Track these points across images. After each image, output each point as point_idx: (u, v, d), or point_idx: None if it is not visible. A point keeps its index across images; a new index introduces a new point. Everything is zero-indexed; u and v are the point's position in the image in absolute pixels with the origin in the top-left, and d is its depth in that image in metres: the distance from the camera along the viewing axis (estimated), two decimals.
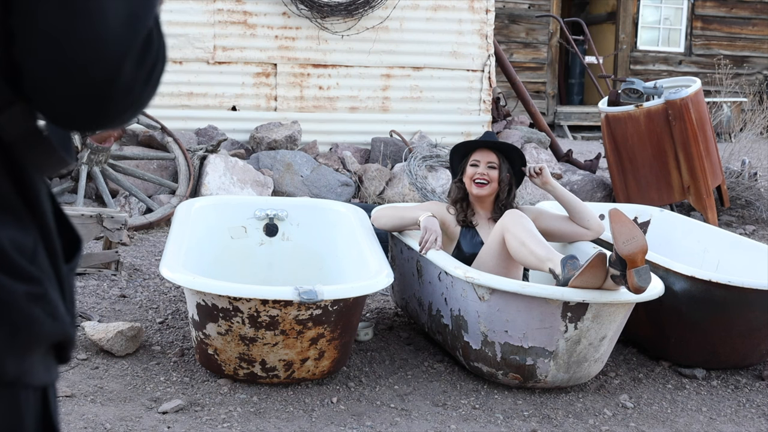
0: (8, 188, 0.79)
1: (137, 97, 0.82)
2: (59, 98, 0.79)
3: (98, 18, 0.77)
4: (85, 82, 0.78)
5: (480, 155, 3.75)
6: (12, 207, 0.79)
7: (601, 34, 14.36)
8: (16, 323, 0.78)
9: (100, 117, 0.82)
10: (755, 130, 8.05)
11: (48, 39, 0.77)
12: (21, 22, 0.77)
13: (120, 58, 0.79)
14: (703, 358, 3.71)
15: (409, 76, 7.48)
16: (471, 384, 3.44)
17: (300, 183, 6.57)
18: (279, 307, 3.07)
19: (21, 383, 0.80)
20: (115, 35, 0.78)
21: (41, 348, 0.81)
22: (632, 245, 3.02)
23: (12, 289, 0.78)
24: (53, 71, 0.78)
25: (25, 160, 0.81)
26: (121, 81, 0.79)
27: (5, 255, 0.78)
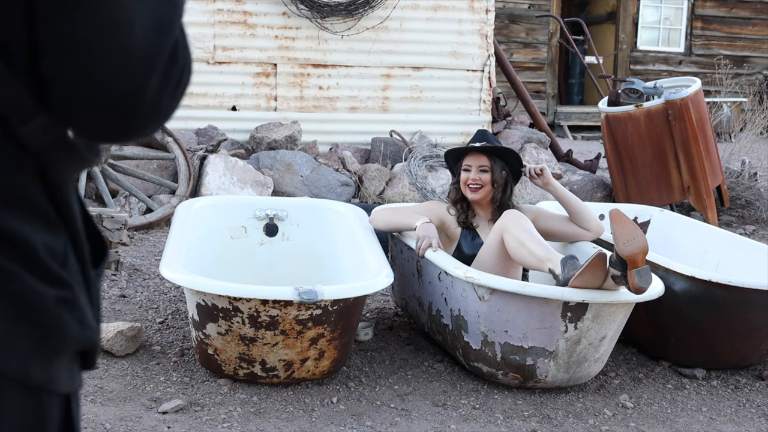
0: (39, 193, 0.79)
1: (163, 109, 0.81)
2: (84, 111, 0.79)
3: (125, 30, 0.76)
4: (111, 95, 0.78)
5: (471, 159, 3.74)
6: (43, 211, 0.79)
7: (601, 34, 14.36)
8: (45, 328, 0.78)
9: (125, 130, 0.81)
10: (755, 130, 8.05)
11: (73, 51, 0.76)
12: (46, 34, 0.76)
13: (146, 71, 0.78)
14: (703, 358, 3.71)
15: (409, 76, 7.48)
16: (471, 384, 3.44)
17: (300, 183, 6.57)
18: (279, 307, 3.07)
19: (46, 389, 0.79)
20: (142, 47, 0.77)
21: (67, 354, 0.81)
22: (633, 246, 3.02)
23: (44, 293, 0.78)
24: (79, 84, 0.77)
25: (52, 165, 0.81)
26: (146, 94, 0.79)
27: (38, 259, 0.77)
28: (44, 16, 0.76)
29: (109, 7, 0.75)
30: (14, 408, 0.77)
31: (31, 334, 0.77)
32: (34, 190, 0.79)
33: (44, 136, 0.79)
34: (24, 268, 0.77)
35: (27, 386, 0.77)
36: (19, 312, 0.76)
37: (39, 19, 0.76)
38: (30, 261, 0.78)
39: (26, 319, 0.77)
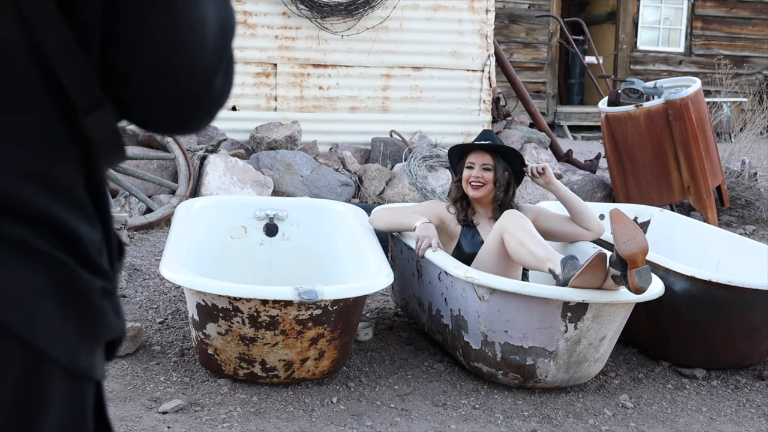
0: (81, 187, 0.82)
1: (221, 103, 0.86)
2: (158, 103, 0.82)
3: (202, 29, 0.80)
4: (186, 89, 0.82)
5: (475, 157, 3.75)
6: (85, 204, 0.82)
7: (601, 34, 14.36)
8: (92, 317, 0.81)
9: (188, 124, 0.86)
10: (755, 130, 8.05)
11: (154, 45, 0.79)
12: (128, 29, 0.79)
13: (215, 68, 0.82)
14: (703, 358, 3.71)
15: (409, 76, 7.48)
16: (471, 384, 3.44)
17: (300, 183, 6.57)
18: (279, 307, 3.07)
19: (86, 376, 0.82)
20: (213, 46, 0.81)
21: (102, 344, 0.84)
22: (633, 245, 3.02)
23: (91, 283, 0.81)
24: (155, 76, 0.81)
25: (103, 157, 0.84)
26: (213, 90, 0.83)
27: (85, 251, 0.80)
28: (125, 10, 0.79)
29: (188, 6, 0.79)
30: (62, 393, 0.79)
31: (80, 323, 0.80)
32: (79, 183, 0.81)
33: (106, 127, 0.82)
34: (74, 258, 0.80)
35: (73, 373, 0.80)
36: (69, 301, 0.79)
37: (119, 13, 0.79)
38: (78, 252, 0.80)
39: (75, 307, 0.79)
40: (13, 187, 0.75)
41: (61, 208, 0.79)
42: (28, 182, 0.76)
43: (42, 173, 0.78)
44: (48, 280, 0.77)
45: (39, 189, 0.77)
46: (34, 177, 0.77)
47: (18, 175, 0.76)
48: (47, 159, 0.78)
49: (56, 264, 0.78)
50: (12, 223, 0.76)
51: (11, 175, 0.76)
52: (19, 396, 0.76)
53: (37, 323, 0.76)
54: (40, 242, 0.77)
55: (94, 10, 0.79)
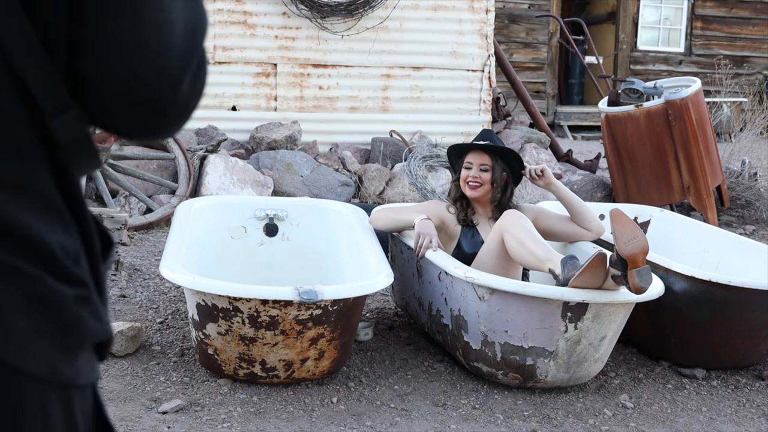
0: (54, 191, 0.81)
1: (189, 109, 0.84)
2: (120, 107, 0.81)
3: (167, 31, 0.79)
4: (149, 93, 0.80)
5: (473, 157, 3.75)
6: (57, 210, 0.81)
7: (601, 34, 14.36)
8: (66, 326, 0.80)
9: (154, 127, 0.84)
10: (755, 130, 8.05)
11: (117, 49, 0.78)
12: (90, 32, 0.78)
13: (182, 72, 0.81)
14: (703, 358, 3.71)
15: (409, 76, 7.48)
16: (471, 384, 3.44)
17: (300, 183, 6.57)
18: (279, 307, 3.07)
19: (73, 385, 0.82)
20: (180, 49, 0.80)
21: (88, 349, 0.84)
22: (633, 245, 3.02)
23: (63, 293, 0.79)
24: (119, 81, 0.79)
25: (70, 162, 0.83)
26: (179, 94, 0.82)
27: (56, 259, 0.79)
28: (88, 14, 0.78)
29: (153, 9, 0.78)
30: (46, 405, 0.79)
31: (55, 334, 0.79)
32: (50, 188, 0.80)
33: (73, 130, 0.81)
34: (44, 269, 0.78)
35: (57, 384, 0.79)
36: (42, 313, 0.78)
37: (82, 17, 0.78)
38: (49, 262, 0.79)
39: (49, 319, 0.78)
40: None
41: (30, 216, 0.78)
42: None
43: (10, 177, 0.77)
44: (18, 295, 0.76)
45: (5, 194, 0.76)
46: (4, 183, 0.76)
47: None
48: (16, 163, 0.77)
49: (25, 277, 0.77)
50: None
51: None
52: (1, 415, 0.75)
53: (9, 340, 0.75)
54: (7, 256, 0.76)
55: (59, 13, 0.78)
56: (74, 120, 0.81)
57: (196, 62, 0.82)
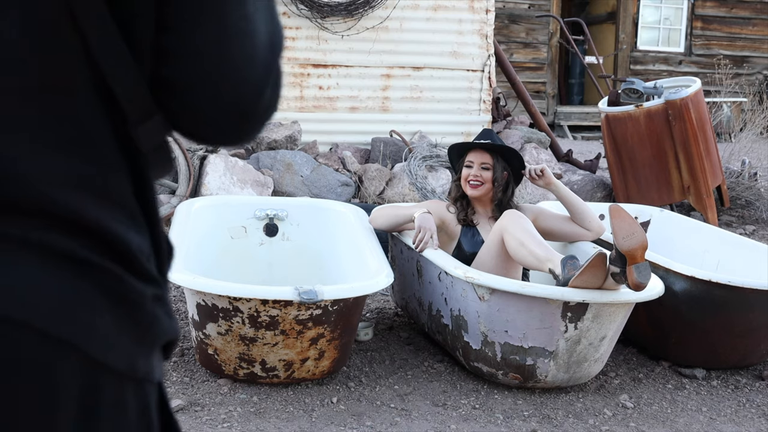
0: (131, 195, 0.83)
1: (267, 118, 0.86)
2: (204, 116, 0.83)
3: (252, 40, 0.80)
4: (233, 102, 0.82)
5: (474, 156, 3.75)
6: (134, 212, 0.83)
7: (601, 34, 14.36)
8: (146, 324, 0.82)
9: (234, 135, 0.86)
10: (755, 130, 8.04)
11: (203, 60, 0.80)
12: (177, 41, 0.80)
13: (264, 81, 0.83)
14: (703, 358, 3.71)
15: (409, 76, 7.47)
16: (471, 384, 3.44)
17: (300, 183, 6.57)
18: (279, 307, 3.07)
19: (147, 380, 0.84)
20: (262, 59, 0.82)
21: (159, 346, 0.86)
22: (632, 241, 3.02)
23: (143, 292, 0.82)
24: (204, 90, 0.81)
25: (152, 167, 0.85)
26: (262, 103, 0.83)
27: (136, 259, 0.81)
28: (176, 24, 0.79)
29: (238, 20, 0.80)
30: (123, 400, 0.81)
31: (134, 330, 0.81)
32: (128, 192, 0.82)
33: (155, 138, 0.83)
34: (126, 268, 0.81)
35: (135, 378, 0.82)
36: (123, 310, 0.80)
37: (170, 27, 0.79)
38: (130, 261, 0.81)
39: (129, 316, 0.81)
40: (63, 198, 0.76)
41: (111, 218, 0.79)
42: (79, 192, 0.77)
43: (93, 183, 0.78)
44: (102, 292, 0.79)
45: (89, 198, 0.78)
46: (85, 186, 0.78)
47: (69, 185, 0.76)
48: (98, 169, 0.79)
49: (108, 275, 0.79)
50: (62, 237, 0.76)
51: (62, 185, 0.76)
52: (82, 408, 0.77)
53: (95, 336, 0.78)
54: (92, 254, 0.78)
55: (147, 22, 0.79)
56: (157, 127, 0.83)
57: (276, 72, 0.84)
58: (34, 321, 0.74)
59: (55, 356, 0.75)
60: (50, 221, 0.76)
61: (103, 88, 0.79)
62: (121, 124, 0.81)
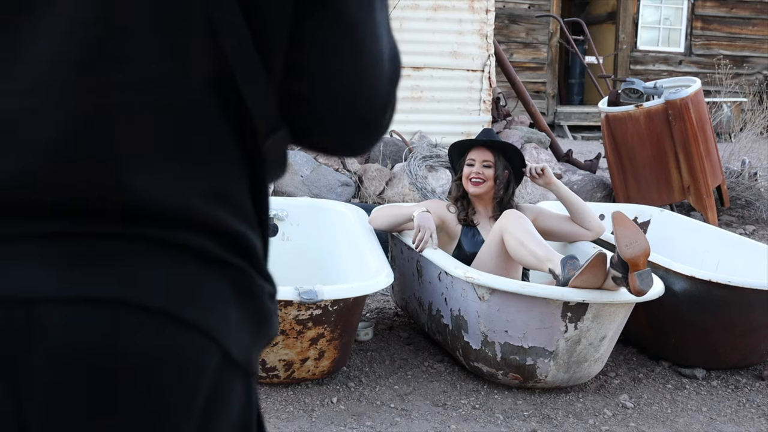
0: (249, 200, 0.86)
1: (386, 131, 0.90)
2: (331, 129, 0.87)
3: (380, 62, 0.85)
4: (361, 118, 0.87)
5: (475, 154, 3.75)
6: (251, 216, 0.87)
7: (601, 34, 14.36)
8: (263, 319, 0.87)
9: (356, 148, 0.91)
10: (755, 130, 8.04)
11: (337, 78, 0.84)
12: (311, 59, 0.83)
13: (389, 98, 0.87)
14: (703, 358, 3.71)
15: (409, 76, 7.47)
16: (471, 384, 3.44)
17: (300, 183, 6.57)
18: (279, 307, 3.07)
19: (253, 373, 0.87)
20: (389, 78, 0.86)
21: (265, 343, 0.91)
22: (635, 248, 3.02)
23: (264, 288, 0.87)
24: (336, 106, 0.85)
25: (271, 176, 0.89)
26: (386, 118, 0.88)
27: (257, 257, 0.86)
28: (311, 41, 0.83)
29: (370, 40, 0.83)
30: (240, 391, 0.84)
31: (254, 325, 0.85)
32: (248, 197, 0.86)
33: (280, 149, 0.87)
34: (250, 265, 0.85)
35: (248, 371, 0.85)
36: (248, 305, 0.84)
37: (305, 45, 0.83)
38: (252, 259, 0.85)
39: (252, 311, 0.85)
40: (196, 204, 0.80)
41: (236, 220, 0.83)
42: (209, 199, 0.81)
43: (220, 190, 0.82)
44: (231, 286, 0.82)
45: (218, 204, 0.81)
46: (214, 194, 0.81)
47: (201, 193, 0.80)
48: (225, 178, 0.83)
49: (237, 270, 0.83)
50: (195, 235, 0.80)
51: (195, 193, 0.80)
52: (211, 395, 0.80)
53: (227, 326, 0.81)
54: (221, 251, 0.82)
55: (282, 42, 0.82)
56: (282, 140, 0.87)
57: (397, 87, 0.88)
58: (175, 310, 0.78)
59: (192, 344, 0.78)
60: (185, 225, 0.80)
61: (235, 105, 0.82)
62: (249, 136, 0.84)
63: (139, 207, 0.78)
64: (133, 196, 0.77)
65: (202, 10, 0.78)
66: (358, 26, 0.82)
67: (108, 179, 0.77)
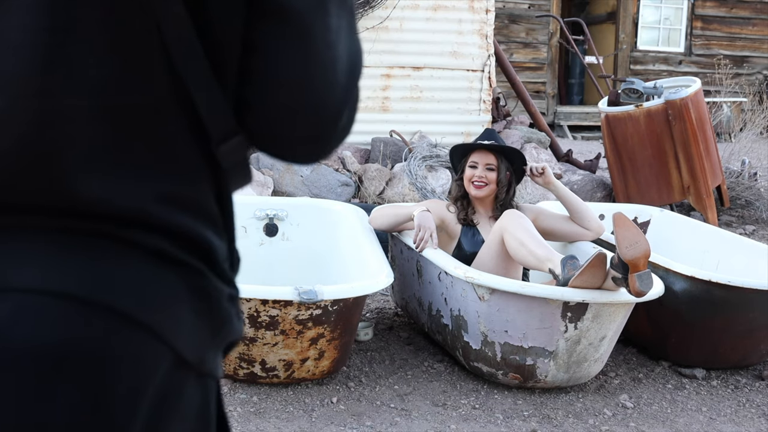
0: (214, 205, 0.87)
1: (344, 137, 0.90)
2: (283, 136, 0.87)
3: (333, 68, 0.84)
4: (313, 125, 0.85)
5: (478, 156, 3.75)
6: (216, 220, 0.88)
7: (601, 34, 14.36)
8: (220, 321, 0.87)
9: (312, 155, 0.90)
10: (755, 130, 8.04)
11: (286, 84, 0.83)
12: (262, 66, 0.83)
13: (343, 106, 0.86)
14: (703, 358, 3.71)
15: (409, 76, 7.47)
16: (471, 384, 3.44)
17: (300, 183, 6.58)
18: (279, 307, 3.07)
19: (210, 375, 0.88)
20: (343, 85, 0.85)
21: (224, 345, 0.91)
22: (635, 250, 3.03)
23: (222, 290, 0.86)
24: (287, 113, 0.84)
25: (232, 181, 0.90)
26: (340, 125, 0.87)
27: (217, 260, 0.86)
28: (261, 49, 0.82)
29: (322, 48, 0.82)
30: (193, 392, 0.85)
31: (209, 327, 0.85)
32: (211, 202, 0.87)
33: (236, 155, 0.87)
34: (208, 267, 0.85)
35: (200, 372, 0.85)
36: (203, 306, 0.84)
37: (255, 51, 0.83)
38: (211, 261, 0.86)
39: (207, 312, 0.85)
40: (154, 208, 0.81)
41: (196, 223, 0.84)
42: (166, 202, 0.81)
43: (179, 194, 0.83)
44: (186, 287, 0.83)
45: (175, 207, 0.82)
46: (172, 197, 0.82)
47: (157, 195, 0.81)
48: (186, 182, 0.83)
49: (193, 272, 0.83)
50: (150, 235, 0.81)
51: (151, 195, 0.81)
52: (160, 395, 0.80)
53: (176, 325, 0.81)
54: (177, 252, 0.82)
55: (234, 49, 0.82)
56: (238, 146, 0.86)
57: (354, 95, 0.87)
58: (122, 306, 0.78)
59: (138, 341, 0.78)
60: (139, 226, 0.80)
61: (191, 112, 0.82)
62: (206, 141, 0.84)
63: (91, 208, 0.78)
64: (85, 197, 0.78)
65: (153, 20, 0.78)
66: (308, 33, 0.81)
67: (58, 181, 0.78)
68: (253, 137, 0.87)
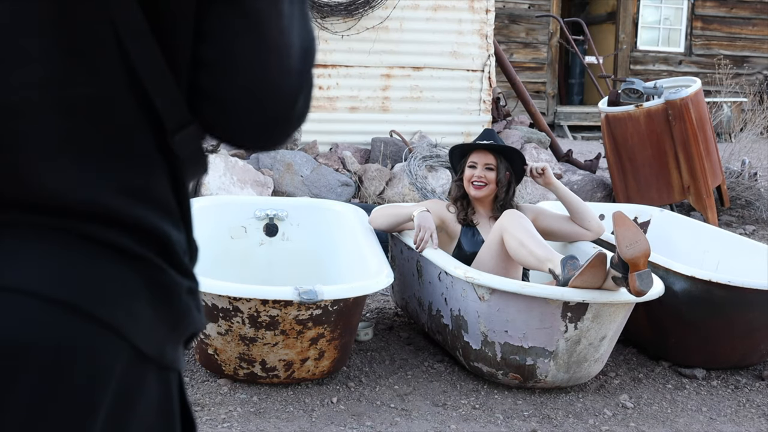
0: (170, 196, 0.87)
1: (300, 123, 0.90)
2: (238, 123, 0.87)
3: (286, 54, 0.84)
4: (267, 112, 0.86)
5: (477, 157, 3.75)
6: (173, 212, 0.88)
7: (601, 34, 14.36)
8: (179, 314, 0.87)
9: (268, 141, 0.90)
10: (755, 130, 8.04)
11: (239, 71, 0.83)
12: (215, 53, 0.83)
13: (297, 91, 0.86)
14: (703, 358, 3.71)
15: (409, 76, 7.47)
16: (471, 384, 3.44)
17: (300, 183, 6.57)
18: (279, 307, 3.07)
19: (172, 368, 0.88)
20: (297, 70, 0.85)
21: (184, 337, 0.91)
22: (635, 249, 3.03)
23: (180, 283, 0.87)
24: (239, 100, 0.84)
25: (189, 172, 0.90)
26: (295, 111, 0.87)
27: (175, 253, 0.87)
28: (213, 35, 0.83)
29: (274, 34, 0.83)
30: (153, 386, 0.85)
31: (168, 320, 0.86)
32: (167, 193, 0.87)
33: (191, 145, 0.87)
34: (166, 260, 0.85)
35: (160, 366, 0.86)
36: (161, 299, 0.85)
37: (207, 38, 0.83)
38: (170, 254, 0.86)
39: (165, 305, 0.85)
40: (111, 201, 0.81)
41: (152, 215, 0.84)
42: (122, 194, 0.82)
43: (137, 186, 0.83)
44: (143, 281, 0.83)
45: (132, 200, 0.82)
46: (128, 190, 0.82)
47: (113, 188, 0.81)
48: (141, 173, 0.83)
49: (149, 265, 0.84)
50: (105, 229, 0.81)
51: (106, 188, 0.81)
52: (120, 389, 0.81)
53: (133, 320, 0.82)
54: (133, 245, 0.82)
55: (186, 37, 0.82)
56: (192, 135, 0.87)
57: (309, 81, 0.88)
58: (81, 303, 0.78)
59: (97, 337, 0.79)
60: (94, 219, 0.80)
61: (146, 101, 0.82)
62: (160, 131, 0.84)
63: (45, 201, 0.79)
64: (41, 190, 0.78)
65: (104, 10, 0.79)
66: (261, 18, 0.82)
67: (14, 175, 0.78)
68: (207, 125, 0.87)
